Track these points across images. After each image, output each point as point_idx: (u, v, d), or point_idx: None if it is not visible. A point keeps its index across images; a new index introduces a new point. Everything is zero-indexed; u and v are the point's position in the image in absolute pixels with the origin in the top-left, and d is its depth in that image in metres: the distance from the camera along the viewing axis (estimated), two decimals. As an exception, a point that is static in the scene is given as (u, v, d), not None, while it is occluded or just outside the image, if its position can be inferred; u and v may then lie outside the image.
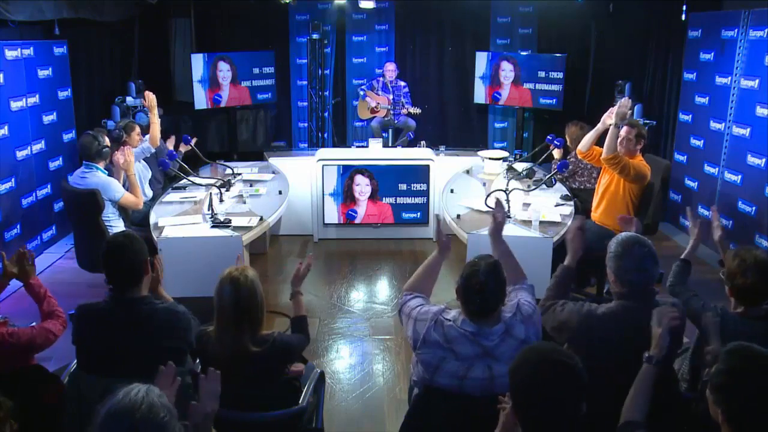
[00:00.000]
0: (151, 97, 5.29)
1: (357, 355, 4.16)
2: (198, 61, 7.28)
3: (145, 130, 5.48)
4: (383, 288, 5.21)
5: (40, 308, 2.85)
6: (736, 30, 5.58)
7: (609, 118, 4.29)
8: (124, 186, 4.50)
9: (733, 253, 2.66)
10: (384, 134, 7.47)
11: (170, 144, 5.68)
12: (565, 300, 2.62)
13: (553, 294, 2.71)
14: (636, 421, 1.96)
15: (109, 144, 4.51)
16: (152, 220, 4.44)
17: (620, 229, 4.11)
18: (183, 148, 5.59)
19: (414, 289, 2.64)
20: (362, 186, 5.94)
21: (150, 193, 5.13)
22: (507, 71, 7.68)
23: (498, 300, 2.35)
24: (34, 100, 5.68)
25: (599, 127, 4.45)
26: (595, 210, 4.57)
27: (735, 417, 1.71)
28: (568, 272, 2.78)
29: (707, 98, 6.01)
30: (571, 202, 4.82)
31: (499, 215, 2.88)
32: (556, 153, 5.38)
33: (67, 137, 6.25)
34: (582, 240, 2.81)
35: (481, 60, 7.80)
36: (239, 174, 5.61)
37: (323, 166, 5.89)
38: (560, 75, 7.44)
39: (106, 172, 4.43)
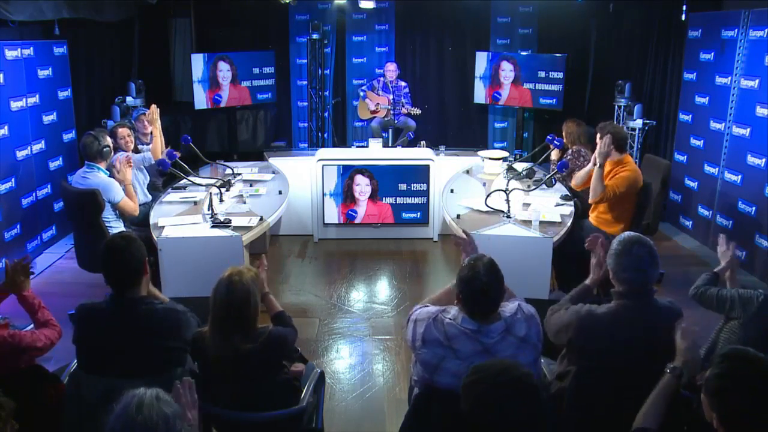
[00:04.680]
0: (153, 110, 5.20)
1: (357, 355, 4.15)
2: (198, 61, 7.28)
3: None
4: (383, 288, 5.21)
5: (34, 318, 2.81)
6: (736, 30, 5.58)
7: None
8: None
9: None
10: (384, 134, 7.48)
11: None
12: (569, 305, 2.62)
13: (566, 304, 2.70)
14: (649, 429, 1.93)
15: (110, 144, 4.51)
16: (152, 220, 4.44)
17: (612, 230, 4.17)
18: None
19: (429, 303, 2.64)
20: (362, 186, 5.94)
21: (149, 197, 5.11)
22: (507, 71, 7.69)
23: (500, 297, 2.36)
24: (34, 100, 5.67)
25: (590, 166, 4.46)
26: (592, 210, 4.58)
27: (730, 421, 1.70)
28: (587, 291, 2.80)
29: (707, 98, 6.01)
30: (571, 202, 4.82)
31: (469, 248, 2.82)
32: (554, 154, 5.37)
33: (67, 137, 6.24)
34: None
35: (481, 60, 7.81)
36: (239, 174, 5.60)
37: (323, 166, 5.89)
38: (560, 75, 7.45)
39: (108, 172, 4.43)
